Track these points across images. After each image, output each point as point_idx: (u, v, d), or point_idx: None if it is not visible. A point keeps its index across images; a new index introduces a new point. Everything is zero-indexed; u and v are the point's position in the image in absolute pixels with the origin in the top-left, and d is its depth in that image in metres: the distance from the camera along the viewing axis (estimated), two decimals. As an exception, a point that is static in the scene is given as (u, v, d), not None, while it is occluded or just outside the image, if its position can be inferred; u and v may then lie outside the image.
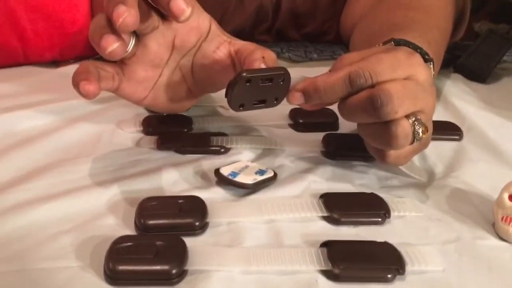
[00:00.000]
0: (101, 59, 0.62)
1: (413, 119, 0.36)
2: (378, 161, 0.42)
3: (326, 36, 0.80)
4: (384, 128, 0.36)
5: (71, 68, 0.62)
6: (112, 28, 0.37)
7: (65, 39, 0.63)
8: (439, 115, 0.56)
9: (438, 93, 0.60)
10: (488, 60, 0.67)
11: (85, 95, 0.37)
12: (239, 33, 0.80)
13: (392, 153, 0.39)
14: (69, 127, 0.48)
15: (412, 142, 0.37)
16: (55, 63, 0.65)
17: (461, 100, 0.59)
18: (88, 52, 0.66)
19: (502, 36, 0.70)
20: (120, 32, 0.37)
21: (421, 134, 0.37)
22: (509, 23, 0.97)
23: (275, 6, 0.76)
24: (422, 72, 0.38)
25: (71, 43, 0.64)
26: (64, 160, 0.43)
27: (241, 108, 0.39)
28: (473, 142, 0.50)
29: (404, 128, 0.36)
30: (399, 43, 0.45)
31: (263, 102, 0.40)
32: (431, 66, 0.46)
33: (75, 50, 0.65)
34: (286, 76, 0.39)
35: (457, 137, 0.50)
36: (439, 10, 0.59)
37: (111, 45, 0.37)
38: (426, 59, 0.46)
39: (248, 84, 0.37)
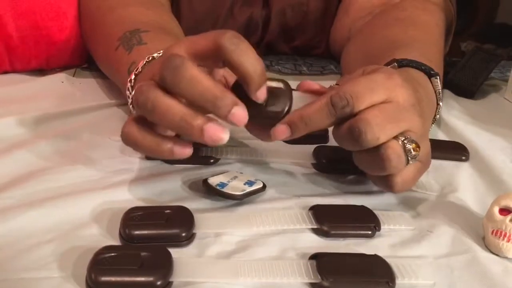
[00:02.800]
0: (88, 68, 0.62)
1: (402, 138, 0.36)
2: (388, 191, 0.40)
3: (316, 50, 0.80)
4: (375, 154, 0.36)
5: (57, 77, 0.62)
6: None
7: (52, 48, 0.62)
8: (438, 133, 0.56)
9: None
10: (476, 76, 0.67)
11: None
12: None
13: (398, 180, 0.38)
14: (53, 136, 0.48)
15: (408, 161, 0.37)
16: (41, 71, 0.64)
17: (450, 115, 0.59)
18: (74, 61, 0.65)
19: (489, 52, 0.70)
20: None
21: (412, 151, 0.36)
22: (495, 43, 0.99)
23: (265, 19, 0.76)
24: (401, 93, 0.37)
25: (58, 51, 0.63)
26: (47, 168, 0.42)
27: None
28: (476, 162, 0.49)
29: (394, 149, 0.35)
30: (401, 63, 0.45)
31: None
32: (438, 80, 0.46)
33: (62, 59, 0.64)
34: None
35: (463, 157, 0.49)
36: (435, 27, 0.60)
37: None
38: (432, 74, 0.46)
39: None
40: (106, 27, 0.57)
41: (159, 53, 0.44)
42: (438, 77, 0.45)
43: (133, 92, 0.38)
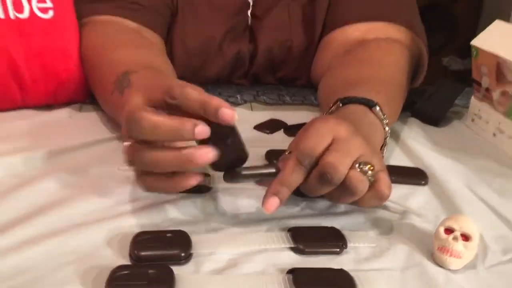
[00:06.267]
0: (91, 103, 0.68)
1: (357, 165, 0.44)
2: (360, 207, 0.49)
3: (299, 81, 0.88)
4: (343, 187, 0.44)
5: (64, 112, 0.69)
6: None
7: (59, 85, 0.69)
8: (396, 155, 0.63)
9: (396, 136, 0.68)
10: (441, 106, 0.75)
11: None
12: (218, 78, 0.88)
13: (362, 200, 0.46)
14: (66, 168, 0.54)
15: (369, 182, 0.44)
16: (49, 106, 0.71)
17: (416, 142, 0.67)
18: (79, 97, 0.72)
19: (454, 83, 0.78)
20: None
21: (369, 172, 0.44)
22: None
23: (251, 54, 0.83)
24: (341, 128, 0.46)
25: (64, 88, 0.70)
26: (64, 199, 0.49)
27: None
28: (434, 186, 0.56)
29: (356, 177, 0.43)
30: (344, 101, 0.55)
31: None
32: (378, 109, 0.54)
33: (68, 95, 0.71)
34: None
35: (423, 182, 0.57)
36: (391, 64, 0.68)
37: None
38: (371, 105, 0.54)
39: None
40: (101, 71, 0.64)
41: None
42: (378, 106, 0.54)
43: None
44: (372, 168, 0.44)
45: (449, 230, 0.43)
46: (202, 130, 0.42)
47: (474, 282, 0.42)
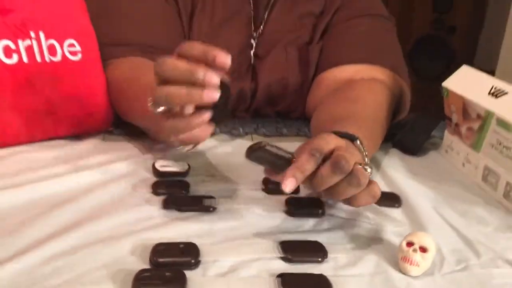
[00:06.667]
0: (112, 132, 0.80)
1: (358, 164, 0.54)
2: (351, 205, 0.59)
3: (295, 113, 0.98)
4: (349, 179, 0.54)
5: (91, 141, 0.80)
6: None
7: (88, 118, 0.80)
8: (382, 186, 0.72)
9: (377, 165, 0.78)
10: (419, 137, 0.85)
11: None
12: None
13: (359, 196, 0.56)
14: (95, 191, 0.65)
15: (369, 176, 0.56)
16: (79, 136, 0.81)
17: (394, 170, 0.77)
18: (103, 126, 0.83)
19: (431, 117, 0.89)
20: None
21: (369, 169, 0.55)
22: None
23: (253, 91, 0.94)
24: (341, 141, 0.58)
25: (91, 121, 0.81)
26: (92, 216, 0.59)
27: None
28: (406, 208, 0.66)
29: (360, 170, 0.54)
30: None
31: None
32: (359, 142, 0.64)
33: (93, 125, 0.82)
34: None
35: (396, 205, 0.67)
36: (373, 103, 0.79)
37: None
38: (352, 138, 0.64)
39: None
40: (136, 93, 0.73)
41: None
42: (358, 140, 0.63)
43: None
44: (371, 168, 0.56)
45: (410, 244, 0.53)
46: (212, 74, 0.54)
47: (431, 287, 0.52)
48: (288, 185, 0.54)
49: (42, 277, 0.49)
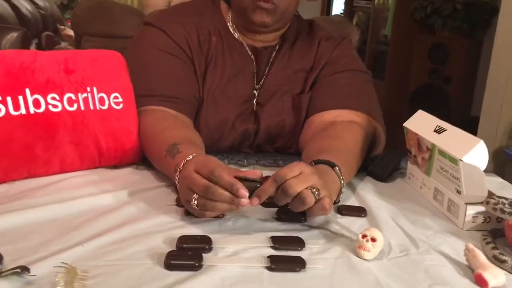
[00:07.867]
0: (143, 164, 1.02)
1: (309, 188, 0.75)
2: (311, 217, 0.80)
3: (290, 150, 1.20)
4: (298, 199, 0.75)
5: (126, 170, 1.02)
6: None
7: (124, 152, 1.03)
8: (351, 199, 0.94)
9: (353, 188, 0.99)
10: (387, 168, 1.06)
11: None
12: (231, 147, 1.22)
13: (311, 210, 0.76)
14: (133, 203, 0.86)
15: (316, 199, 0.75)
16: (116, 166, 1.03)
17: (366, 192, 0.97)
18: (135, 160, 1.05)
19: (397, 151, 1.10)
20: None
21: (316, 191, 0.75)
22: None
23: (255, 131, 1.16)
24: (307, 169, 0.77)
25: (127, 154, 1.03)
26: (135, 218, 0.80)
27: None
28: (370, 217, 0.87)
29: (305, 193, 0.74)
30: (315, 162, 0.86)
31: None
32: (337, 169, 0.85)
33: (128, 159, 1.04)
34: None
35: (363, 215, 0.88)
36: (350, 140, 1.00)
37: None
38: (332, 166, 0.85)
39: None
40: (156, 143, 0.97)
41: (189, 157, 0.83)
42: (337, 167, 0.84)
43: (178, 180, 0.79)
44: (318, 190, 0.75)
45: (364, 236, 0.73)
46: (244, 195, 0.75)
47: (379, 267, 0.71)
48: (253, 202, 0.76)
49: (102, 255, 0.70)
